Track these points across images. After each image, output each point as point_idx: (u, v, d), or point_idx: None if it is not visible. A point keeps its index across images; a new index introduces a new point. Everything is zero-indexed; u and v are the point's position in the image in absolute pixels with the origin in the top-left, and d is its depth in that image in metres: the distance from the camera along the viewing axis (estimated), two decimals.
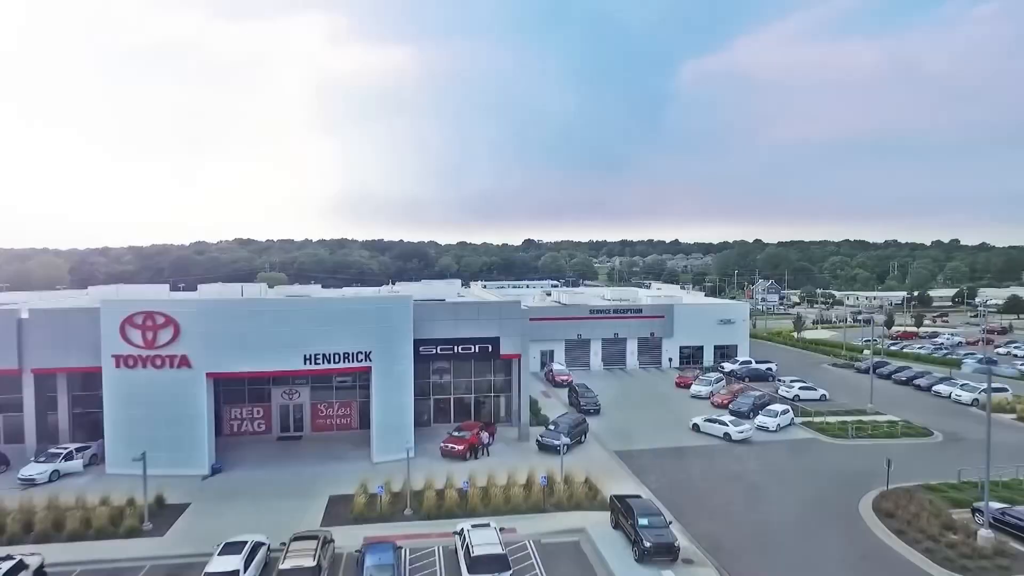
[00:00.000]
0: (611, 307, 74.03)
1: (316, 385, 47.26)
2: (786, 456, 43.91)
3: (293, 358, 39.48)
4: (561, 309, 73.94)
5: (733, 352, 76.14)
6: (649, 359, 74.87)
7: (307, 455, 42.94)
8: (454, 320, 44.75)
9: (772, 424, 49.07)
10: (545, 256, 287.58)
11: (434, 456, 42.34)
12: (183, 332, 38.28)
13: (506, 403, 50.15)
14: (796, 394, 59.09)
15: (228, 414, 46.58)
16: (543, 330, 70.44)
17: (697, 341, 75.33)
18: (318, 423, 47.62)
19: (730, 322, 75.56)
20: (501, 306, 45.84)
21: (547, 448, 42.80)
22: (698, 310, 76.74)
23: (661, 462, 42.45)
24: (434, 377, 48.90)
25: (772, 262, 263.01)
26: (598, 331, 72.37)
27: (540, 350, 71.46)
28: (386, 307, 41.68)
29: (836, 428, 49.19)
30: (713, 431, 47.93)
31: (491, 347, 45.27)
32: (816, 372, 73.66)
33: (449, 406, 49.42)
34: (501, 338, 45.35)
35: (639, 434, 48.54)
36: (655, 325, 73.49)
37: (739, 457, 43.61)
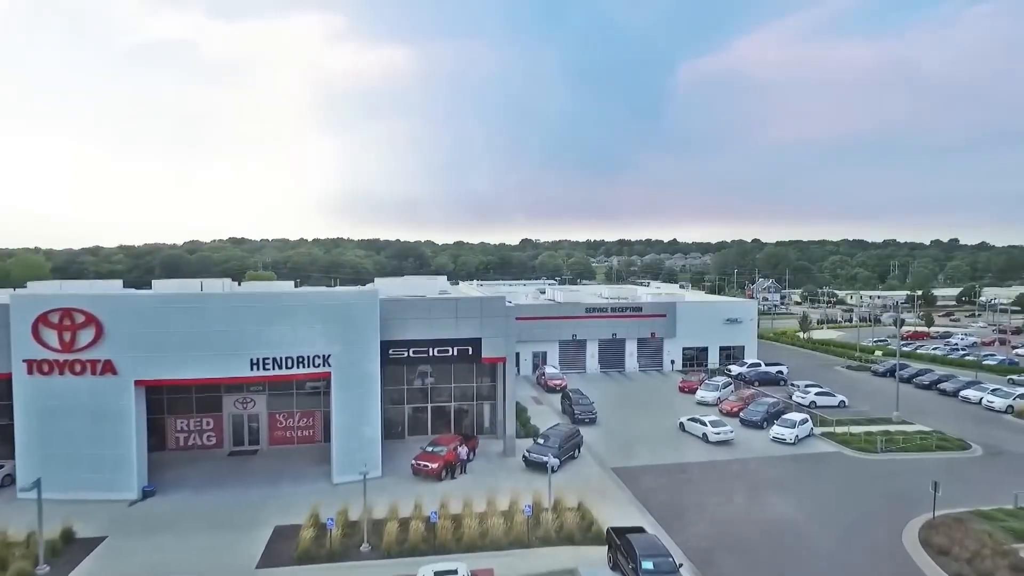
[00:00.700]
0: (608, 305, 68.02)
1: (274, 392, 41.27)
2: (809, 474, 37.94)
3: (237, 363, 33.48)
4: (554, 307, 68.04)
5: (740, 354, 70.13)
6: (650, 361, 68.90)
7: (259, 473, 36.97)
8: (428, 319, 38.77)
9: (789, 436, 43.12)
10: (542, 255, 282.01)
11: (404, 475, 36.47)
12: (107, 333, 32.27)
13: (491, 412, 44.20)
14: (812, 400, 53.13)
15: (172, 426, 40.54)
16: (535, 330, 64.59)
17: (701, 342, 69.34)
18: (276, 435, 41.60)
19: (737, 321, 69.56)
20: (483, 303, 39.85)
21: (535, 465, 36.97)
22: (702, 308, 70.78)
23: (666, 482, 36.50)
24: (409, 384, 42.99)
25: (771, 261, 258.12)
26: (594, 331, 66.37)
27: (532, 352, 65.51)
28: (348, 304, 35.63)
29: (862, 440, 43.21)
30: (694, 431, 44.44)
31: (471, 349, 39.29)
32: (829, 375, 67.72)
33: (426, 416, 43.48)
34: (483, 339, 39.37)
35: (640, 447, 42.58)
36: (656, 324, 67.53)
37: (756, 475, 37.65)
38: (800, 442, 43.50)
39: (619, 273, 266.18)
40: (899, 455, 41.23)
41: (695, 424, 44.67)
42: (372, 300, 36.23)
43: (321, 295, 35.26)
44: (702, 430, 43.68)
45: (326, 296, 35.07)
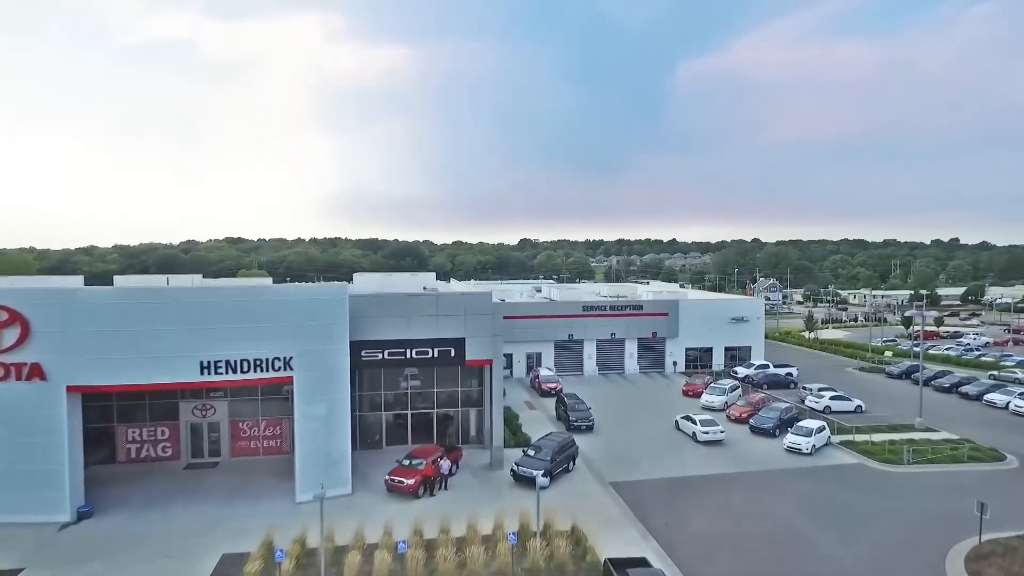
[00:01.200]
0: (607, 303, 63.74)
1: (237, 398, 37.06)
2: (831, 490, 33.64)
3: (185, 367, 29.22)
4: (549, 306, 63.73)
5: (746, 355, 65.80)
6: (651, 363, 64.60)
7: (216, 489, 32.74)
8: (406, 317, 34.53)
9: (806, 445, 38.87)
10: (541, 255, 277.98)
11: (378, 491, 32.29)
12: (35, 332, 28.04)
13: (477, 419, 39.99)
14: (827, 405, 48.84)
15: (123, 436, 36.29)
16: (529, 330, 60.36)
17: (705, 342, 65.02)
18: (239, 446, 37.35)
19: (743, 320, 65.28)
20: (466, 299, 35.59)
21: (524, 480, 32.82)
22: (706, 307, 66.47)
23: (672, 499, 32.23)
24: (387, 388, 38.77)
25: (771, 261, 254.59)
26: (592, 331, 62.10)
27: (526, 353, 61.26)
28: (312, 300, 31.33)
29: (885, 450, 38.94)
30: (686, 429, 43.08)
31: (454, 351, 35.05)
32: (841, 377, 63.42)
33: (406, 423, 39.25)
34: (467, 339, 35.13)
35: (642, 458, 38.33)
36: (657, 324, 63.25)
37: (771, 491, 33.38)
38: (817, 452, 39.25)
39: (618, 273, 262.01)
40: (928, 467, 36.95)
41: (687, 423, 42.93)
42: (340, 296, 31.96)
43: (281, 290, 31.11)
44: (692, 428, 41.99)
45: (287, 292, 30.92)
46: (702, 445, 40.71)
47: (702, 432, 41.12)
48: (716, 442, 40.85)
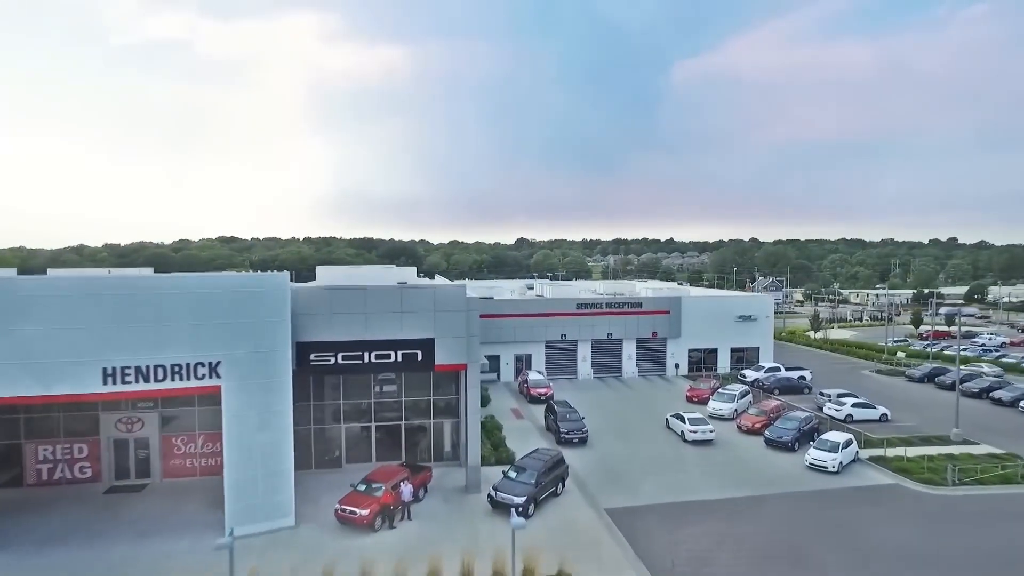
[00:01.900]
0: (603, 300, 58.02)
1: (170, 409, 31.37)
2: (869, 519, 28.01)
3: (85, 375, 23.45)
4: (540, 304, 57.96)
5: (754, 356, 60.16)
6: (651, 365, 58.92)
7: (136, 520, 27.04)
8: (362, 315, 28.81)
9: (831, 462, 33.25)
10: (537, 254, 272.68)
11: (328, 523, 26.59)
12: None
13: (453, 432, 34.31)
14: (848, 414, 43.22)
15: (33, 455, 30.54)
16: (517, 330, 54.69)
17: (710, 343, 59.34)
18: (172, 465, 31.64)
19: (750, 319, 59.60)
20: (436, 294, 29.85)
21: (503, 507, 27.22)
22: (711, 304, 60.77)
23: (680, 530, 26.58)
24: (349, 397, 33.08)
25: (770, 260, 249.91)
26: (587, 330, 56.42)
27: (514, 355, 55.60)
28: (244, 294, 25.56)
29: (924, 468, 33.34)
30: (674, 428, 40.69)
31: (421, 354, 29.34)
32: (857, 381, 57.79)
33: (370, 437, 33.56)
34: (436, 340, 29.43)
35: (643, 478, 32.68)
36: (658, 323, 57.60)
37: (797, 520, 27.72)
38: (844, 470, 33.67)
39: (616, 272, 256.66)
40: (978, 489, 31.33)
41: (677, 421, 40.51)
42: (279, 289, 26.21)
43: (202, 281, 25.24)
44: (681, 427, 39.55)
45: (210, 283, 25.06)
46: (711, 457, 35.13)
47: (690, 431, 38.49)
48: (705, 442, 38.36)
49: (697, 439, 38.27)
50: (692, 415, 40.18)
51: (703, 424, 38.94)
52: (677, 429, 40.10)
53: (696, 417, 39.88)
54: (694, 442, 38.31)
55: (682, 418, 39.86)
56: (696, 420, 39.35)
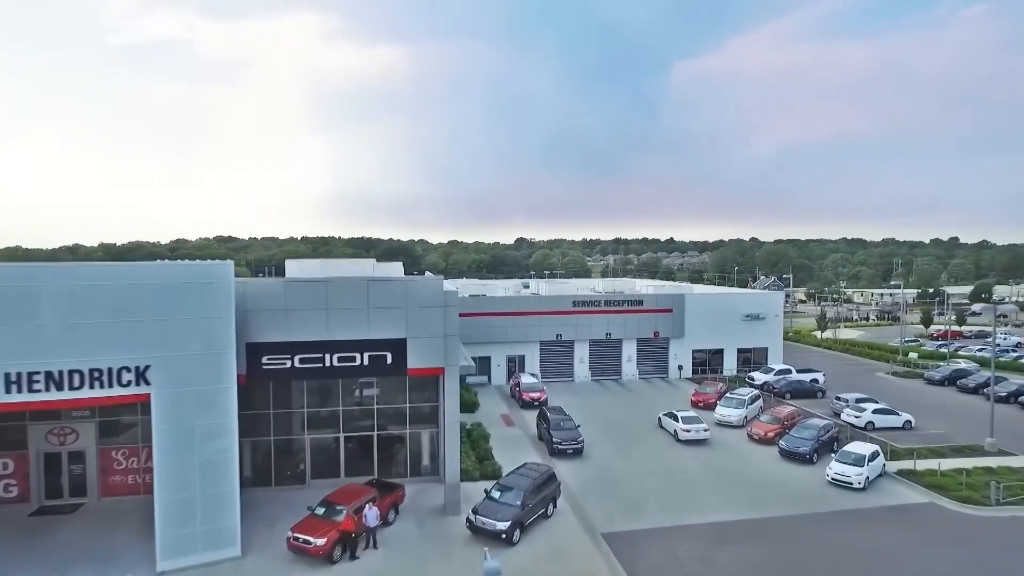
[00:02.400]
0: (601, 299, 54.12)
1: (109, 419, 27.52)
2: (902, 544, 24.14)
3: None
4: (533, 301, 54.01)
5: (762, 358, 56.24)
6: (652, 367, 55.01)
7: (61, 549, 23.21)
8: (323, 311, 24.97)
9: (857, 478, 29.37)
10: (537, 254, 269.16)
11: (279, 554, 22.73)
12: None
13: (432, 443, 30.42)
14: (869, 421, 39.30)
15: None
16: (509, 330, 50.83)
17: (715, 343, 55.40)
18: (112, 483, 27.77)
19: (758, 318, 55.68)
20: (409, 287, 25.99)
21: (484, 533, 23.42)
22: (716, 302, 56.79)
23: (691, 561, 22.72)
24: (313, 403, 29.21)
25: (771, 260, 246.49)
26: (584, 330, 52.51)
27: (506, 355, 51.71)
28: (179, 286, 21.70)
29: (961, 483, 29.45)
30: (667, 427, 38.83)
31: (391, 356, 25.50)
32: (873, 384, 53.86)
33: (339, 449, 29.68)
34: (409, 341, 25.61)
35: (646, 496, 28.81)
36: (660, 322, 53.69)
37: (825, 548, 23.83)
38: (871, 485, 29.80)
39: (615, 272, 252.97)
40: None
41: (669, 420, 38.51)
42: (221, 281, 22.28)
43: (125, 271, 21.18)
44: (674, 427, 37.62)
45: (136, 273, 21.08)
46: (721, 471, 31.27)
47: (684, 430, 36.57)
48: (699, 441, 36.53)
49: (691, 439, 36.32)
50: (685, 413, 38.08)
51: (697, 423, 36.92)
52: (670, 428, 38.10)
53: (690, 416, 37.78)
54: (687, 442, 36.47)
55: (675, 416, 37.76)
56: (690, 419, 37.25)
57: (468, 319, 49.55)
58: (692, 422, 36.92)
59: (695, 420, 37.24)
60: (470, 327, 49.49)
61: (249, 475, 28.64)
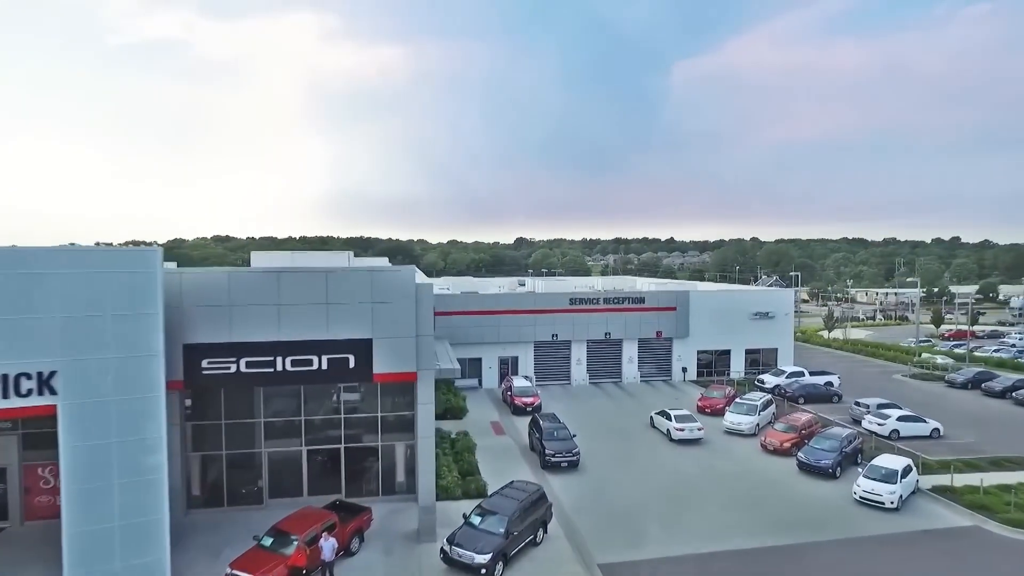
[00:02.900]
0: (600, 296, 50.43)
1: (33, 432, 23.85)
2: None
3: None
4: (527, 299, 50.23)
5: (772, 359, 52.53)
6: (655, 369, 51.32)
7: None
8: (275, 307, 21.30)
9: (890, 496, 25.68)
10: (536, 253, 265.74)
11: None
12: None
13: (408, 457, 26.73)
14: (894, 429, 35.60)
15: None
16: (501, 329, 47.18)
17: (722, 343, 51.66)
18: (37, 504, 24.07)
19: (768, 316, 51.96)
20: (375, 279, 22.29)
21: (461, 567, 19.81)
22: (723, 300, 53.02)
23: None
24: (271, 411, 25.53)
25: (772, 259, 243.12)
26: (581, 329, 48.82)
27: (498, 357, 48.03)
28: (94, 276, 18.08)
29: (1008, 503, 25.76)
30: (659, 426, 37.03)
31: (354, 359, 21.79)
32: (891, 387, 50.14)
33: (300, 463, 25.98)
34: (376, 342, 21.93)
35: (649, 519, 25.11)
36: (663, 321, 49.99)
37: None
38: (905, 505, 26.13)
39: (615, 271, 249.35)
40: None
41: (662, 419, 36.68)
42: (145, 269, 18.58)
43: (25, 256, 17.56)
44: (667, 426, 35.80)
45: (36, 260, 17.41)
46: (734, 487, 27.59)
47: (677, 429, 34.82)
48: (693, 440, 34.80)
49: (684, 438, 34.66)
50: (679, 411, 36.22)
51: (690, 422, 35.18)
52: (662, 427, 36.36)
53: (683, 414, 35.92)
54: (682, 443, 34.69)
55: (668, 415, 35.88)
56: (683, 417, 35.47)
57: (458, 318, 45.96)
58: (685, 421, 35.05)
59: (689, 419, 35.31)
60: (460, 327, 45.91)
61: (198, 494, 25.09)
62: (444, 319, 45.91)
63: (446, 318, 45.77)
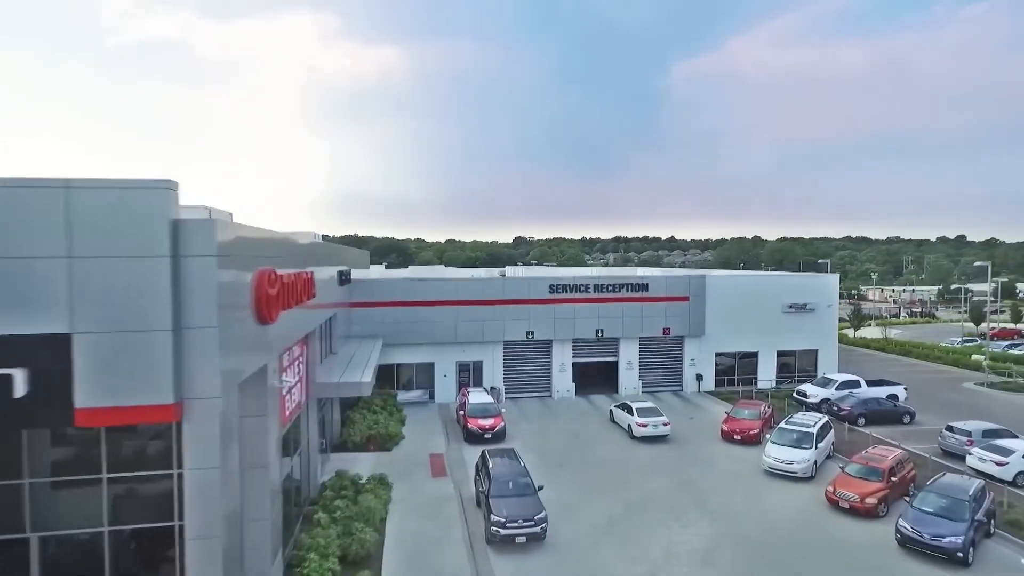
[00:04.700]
0: (590, 283, 38.39)
1: None
2: None
3: None
4: (492, 285, 37.80)
5: (810, 363, 40.41)
6: (662, 376, 39.27)
7: None
8: None
9: None
10: (534, 251, 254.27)
11: None
12: None
13: (166, 549, 14.64)
14: (1021, 471, 23.44)
15: None
16: (462, 325, 35.26)
17: (747, 343, 39.51)
18: None
19: (806, 309, 39.89)
20: (69, 200, 10.38)
21: None
22: (749, 287, 40.12)
23: None
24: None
25: (775, 257, 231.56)
26: (565, 326, 36.81)
27: (457, 362, 36.03)
28: None
29: None
30: (620, 421, 30.85)
31: (29, 381, 9.85)
32: (966, 399, 38.00)
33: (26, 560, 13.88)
34: (78, 340, 10.02)
35: None
36: (672, 315, 37.94)
37: None
38: None
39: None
40: None
41: (623, 413, 30.89)
42: None
43: None
44: (627, 420, 30.05)
45: None
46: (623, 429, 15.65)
47: (639, 425, 28.99)
48: (659, 437, 28.82)
49: (647, 435, 28.69)
50: (641, 404, 30.51)
51: (655, 415, 29.22)
52: (623, 423, 30.62)
53: (647, 407, 30.09)
54: (642, 438, 28.81)
55: (629, 408, 30.17)
56: (646, 411, 29.63)
57: (401, 311, 34.18)
58: (649, 415, 29.15)
59: (653, 412, 29.45)
60: (404, 322, 34.21)
61: None
62: (382, 312, 34.06)
63: (385, 310, 33.96)
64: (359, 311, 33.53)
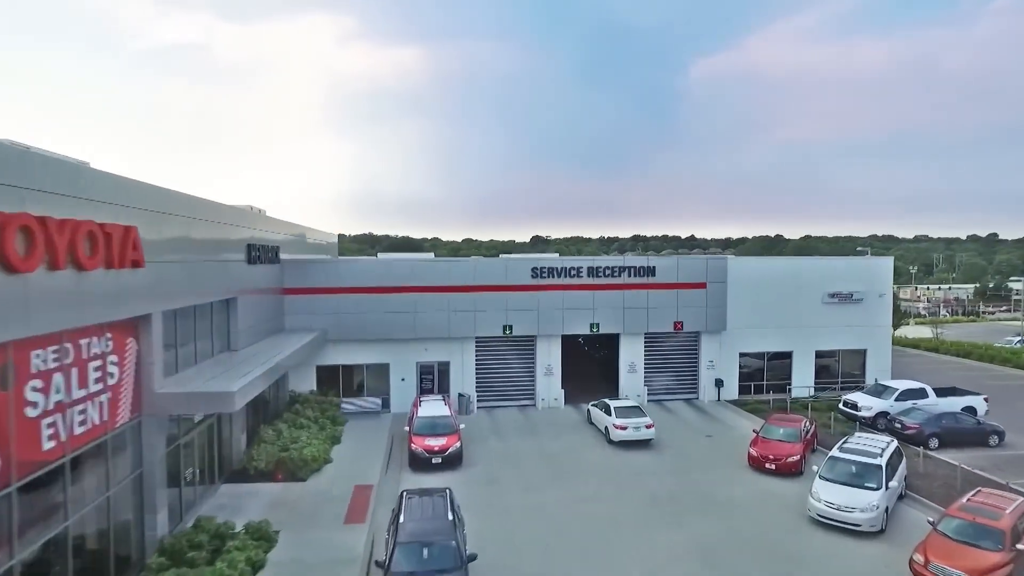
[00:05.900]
0: (584, 266, 31.13)
1: None
2: None
3: None
4: (462, 270, 30.66)
5: (856, 366, 32.70)
6: (673, 382, 31.84)
7: None
8: None
9: None
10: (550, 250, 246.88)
11: None
12: None
13: None
14: None
15: None
16: (420, 318, 28.22)
17: (777, 342, 31.88)
18: None
19: (852, 299, 32.23)
20: None
21: None
22: (780, 272, 32.16)
23: None
24: None
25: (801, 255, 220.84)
26: (553, 319, 29.64)
27: (418, 363, 29.04)
28: None
29: None
30: (597, 423, 26.16)
31: None
32: None
33: None
34: None
35: None
36: (685, 306, 30.54)
37: None
38: None
39: None
40: None
41: (600, 413, 25.87)
42: None
43: None
44: (604, 422, 25.16)
45: None
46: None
47: (617, 428, 23.95)
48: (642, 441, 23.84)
49: (626, 439, 23.92)
50: (620, 403, 25.67)
51: (638, 416, 24.47)
52: (600, 425, 25.92)
53: (626, 406, 25.31)
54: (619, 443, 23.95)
55: (608, 408, 25.39)
56: (626, 411, 24.87)
57: (348, 298, 27.35)
58: (630, 415, 24.53)
59: (635, 412, 24.78)
60: (352, 313, 27.40)
61: None
62: (323, 300, 27.24)
63: (327, 299, 27.15)
64: (296, 299, 26.82)
